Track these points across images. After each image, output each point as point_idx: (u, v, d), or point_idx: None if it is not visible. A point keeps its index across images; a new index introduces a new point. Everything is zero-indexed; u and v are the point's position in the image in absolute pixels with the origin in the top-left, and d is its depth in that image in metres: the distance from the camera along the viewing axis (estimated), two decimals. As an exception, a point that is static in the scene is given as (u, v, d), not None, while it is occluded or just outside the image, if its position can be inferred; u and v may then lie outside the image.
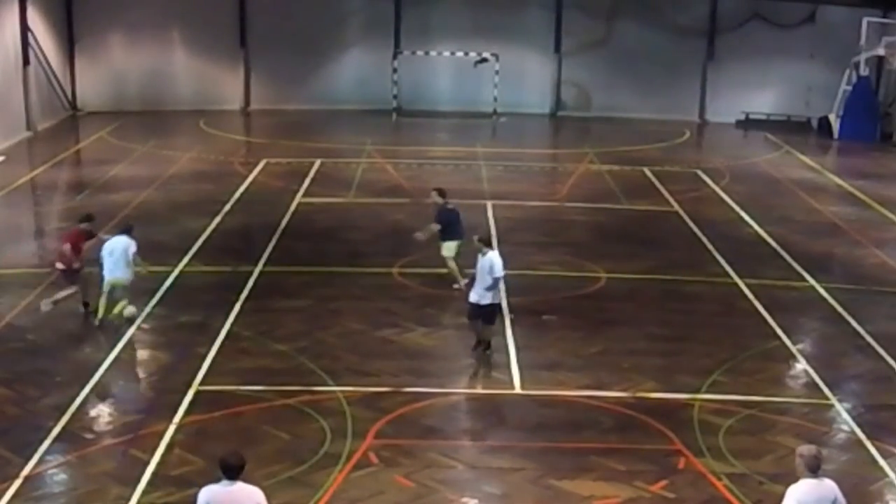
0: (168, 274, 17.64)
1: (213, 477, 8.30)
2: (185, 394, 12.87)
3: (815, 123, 36.44)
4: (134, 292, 15.53)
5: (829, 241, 21.89)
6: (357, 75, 38.22)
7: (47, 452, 11.31)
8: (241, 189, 24.70)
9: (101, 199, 22.93)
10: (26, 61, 31.58)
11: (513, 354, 14.54)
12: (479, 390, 13.81)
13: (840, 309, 16.93)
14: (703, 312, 16.87)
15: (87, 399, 12.77)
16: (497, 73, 37.45)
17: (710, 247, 20.55)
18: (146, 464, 11.05)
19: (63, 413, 12.24)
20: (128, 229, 15.59)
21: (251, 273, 17.92)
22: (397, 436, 11.98)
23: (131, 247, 15.13)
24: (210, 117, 35.05)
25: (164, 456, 11.27)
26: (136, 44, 36.56)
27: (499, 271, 14.16)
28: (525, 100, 38.21)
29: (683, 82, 37.84)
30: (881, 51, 34.18)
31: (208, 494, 8.10)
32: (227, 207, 22.75)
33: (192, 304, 16.41)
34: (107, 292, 15.16)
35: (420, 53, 38.04)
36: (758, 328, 16.02)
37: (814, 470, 8.22)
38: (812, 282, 18.41)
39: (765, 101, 37.48)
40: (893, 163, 31.72)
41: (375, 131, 33.64)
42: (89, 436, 11.87)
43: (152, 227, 19.57)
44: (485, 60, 37.68)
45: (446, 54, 37.95)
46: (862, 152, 32.63)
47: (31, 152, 29.84)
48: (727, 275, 18.70)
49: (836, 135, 34.94)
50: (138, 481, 10.66)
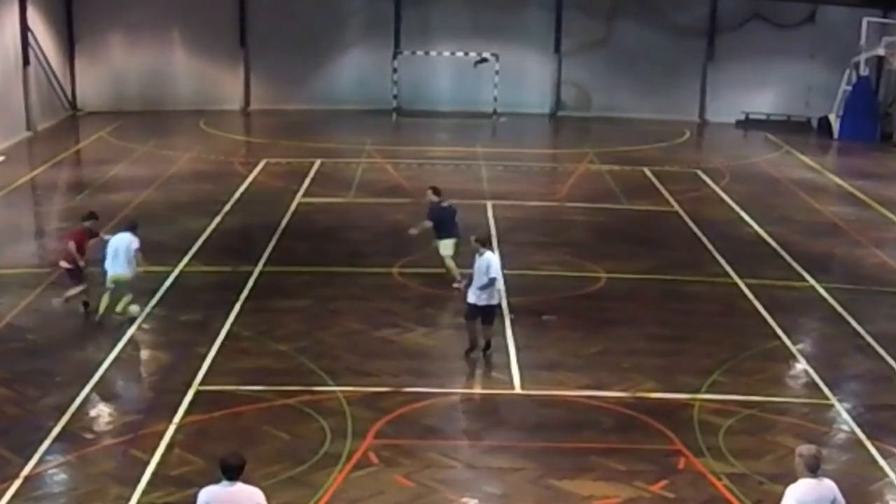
0: (168, 274, 17.65)
1: (214, 477, 8.30)
2: (185, 394, 12.87)
3: (815, 123, 36.40)
4: (134, 292, 15.56)
5: (829, 241, 21.89)
6: (357, 75, 38.20)
7: (47, 452, 11.31)
8: (241, 189, 24.70)
9: (101, 199, 22.90)
10: (26, 61, 31.57)
11: (513, 354, 14.53)
12: (478, 390, 13.83)
13: (840, 309, 16.93)
14: (703, 312, 16.88)
15: (87, 399, 12.78)
16: (497, 73, 37.43)
17: (710, 247, 20.55)
18: (146, 464, 11.05)
19: (63, 413, 12.24)
20: (132, 226, 15.71)
21: (251, 273, 17.93)
22: (397, 436, 11.98)
23: (134, 243, 15.26)
24: (210, 117, 35.03)
25: (164, 456, 11.27)
26: (136, 44, 36.55)
27: (494, 272, 14.10)
28: (525, 100, 38.18)
29: (683, 82, 37.81)
30: (881, 51, 34.15)
31: (208, 495, 8.08)
32: (227, 207, 22.75)
33: (192, 304, 16.43)
34: (110, 289, 15.26)
35: (420, 53, 38.03)
36: (758, 328, 16.02)
37: (813, 470, 8.22)
38: (812, 282, 18.41)
39: (765, 101, 37.46)
40: (893, 163, 31.71)
41: (375, 131, 33.63)
42: (89, 436, 11.87)
43: (152, 227, 19.51)
44: (485, 60, 37.66)
45: (446, 54, 37.94)
46: (862, 152, 32.61)
47: (31, 152, 29.83)
48: (727, 275, 18.70)
49: (836, 135, 34.91)
50: (138, 481, 10.66)
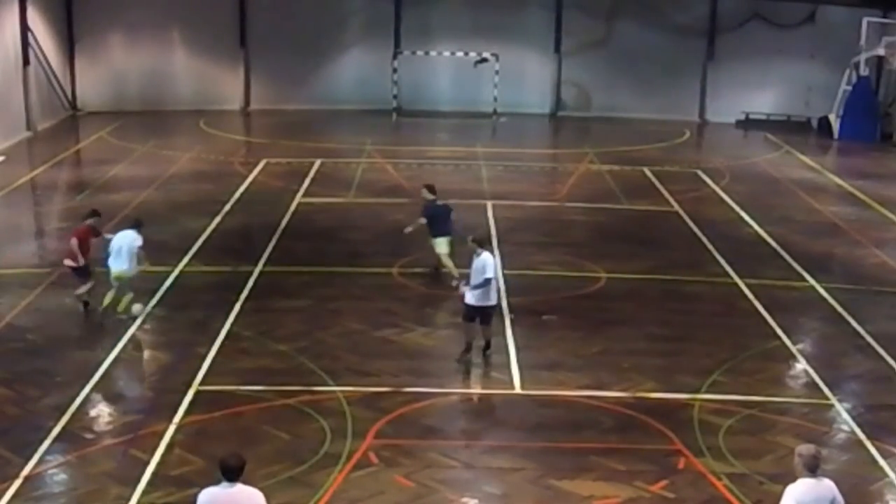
0: (168, 274, 17.65)
1: (213, 477, 8.28)
2: (185, 394, 12.88)
3: (815, 123, 36.40)
4: (135, 292, 15.57)
5: (829, 241, 21.88)
6: (357, 75, 38.19)
7: (47, 452, 11.31)
8: (241, 189, 24.70)
9: (101, 199, 22.87)
10: (26, 61, 31.56)
11: (513, 354, 14.54)
12: (478, 390, 13.84)
13: (840, 309, 16.93)
14: (703, 312, 16.88)
15: (87, 399, 12.78)
16: (497, 73, 37.42)
17: (710, 247, 20.55)
18: (146, 464, 11.05)
19: (63, 413, 12.25)
20: (137, 224, 15.79)
21: (251, 273, 17.93)
22: (397, 436, 11.98)
23: (137, 241, 15.35)
24: (210, 117, 35.03)
25: (164, 456, 11.28)
26: (136, 44, 36.54)
27: (490, 272, 14.05)
28: (525, 100, 38.18)
29: (683, 82, 37.80)
30: (881, 51, 34.14)
31: (208, 497, 8.04)
32: (227, 207, 22.75)
33: (192, 304, 16.43)
34: (115, 286, 15.33)
35: (420, 53, 38.02)
36: (758, 328, 16.02)
37: (812, 469, 8.22)
38: (812, 282, 18.41)
39: (765, 101, 37.45)
40: (893, 163, 31.71)
41: (375, 131, 33.63)
42: (89, 436, 11.87)
43: (152, 227, 19.36)
44: (485, 60, 37.66)
45: (446, 54, 37.93)
46: (862, 152, 32.61)
47: (31, 152, 29.83)
48: (727, 275, 18.71)
49: (836, 135, 34.90)
50: (138, 481, 10.66)
